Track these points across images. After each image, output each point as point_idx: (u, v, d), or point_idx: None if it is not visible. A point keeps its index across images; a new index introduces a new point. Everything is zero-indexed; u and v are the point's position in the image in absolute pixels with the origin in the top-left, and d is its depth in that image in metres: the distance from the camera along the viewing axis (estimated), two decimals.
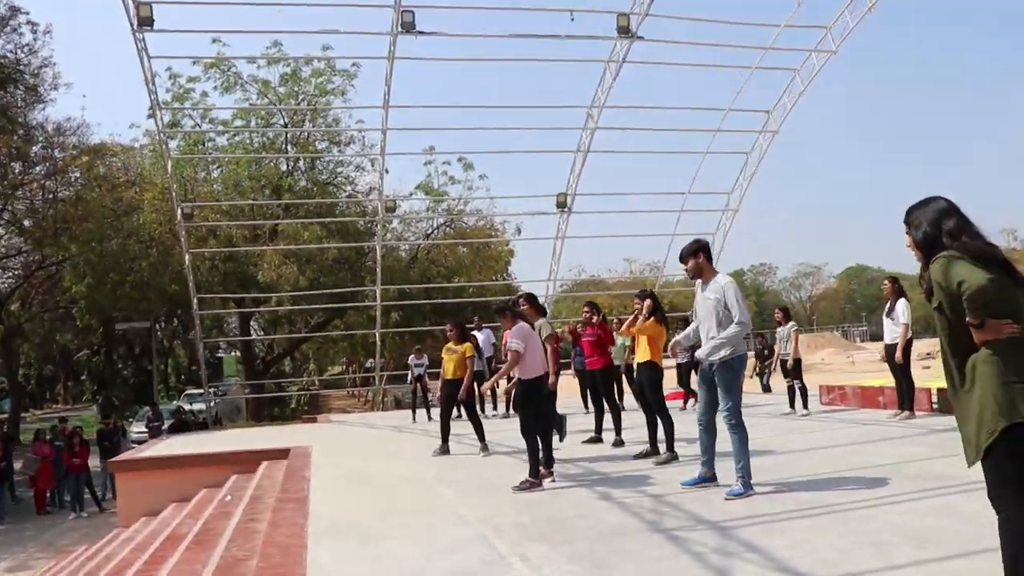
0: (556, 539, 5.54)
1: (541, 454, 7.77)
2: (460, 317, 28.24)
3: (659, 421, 8.87)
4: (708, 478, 7.13)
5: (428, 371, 17.06)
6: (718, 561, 4.82)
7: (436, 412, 17.19)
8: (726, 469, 6.94)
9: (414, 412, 17.00)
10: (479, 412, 11.52)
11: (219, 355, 61.20)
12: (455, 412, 11.12)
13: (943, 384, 12.88)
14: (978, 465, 3.35)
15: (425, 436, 13.82)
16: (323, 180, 29.49)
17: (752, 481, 6.66)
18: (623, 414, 10.71)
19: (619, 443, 10.11)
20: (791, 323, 13.06)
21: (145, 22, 14.88)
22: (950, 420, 10.38)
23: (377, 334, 22.63)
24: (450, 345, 10.95)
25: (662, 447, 8.83)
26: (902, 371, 11.19)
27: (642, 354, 8.95)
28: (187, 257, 19.90)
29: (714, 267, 7.06)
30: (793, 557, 4.76)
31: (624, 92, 20.75)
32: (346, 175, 30.28)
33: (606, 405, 10.51)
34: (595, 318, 10.67)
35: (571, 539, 5.53)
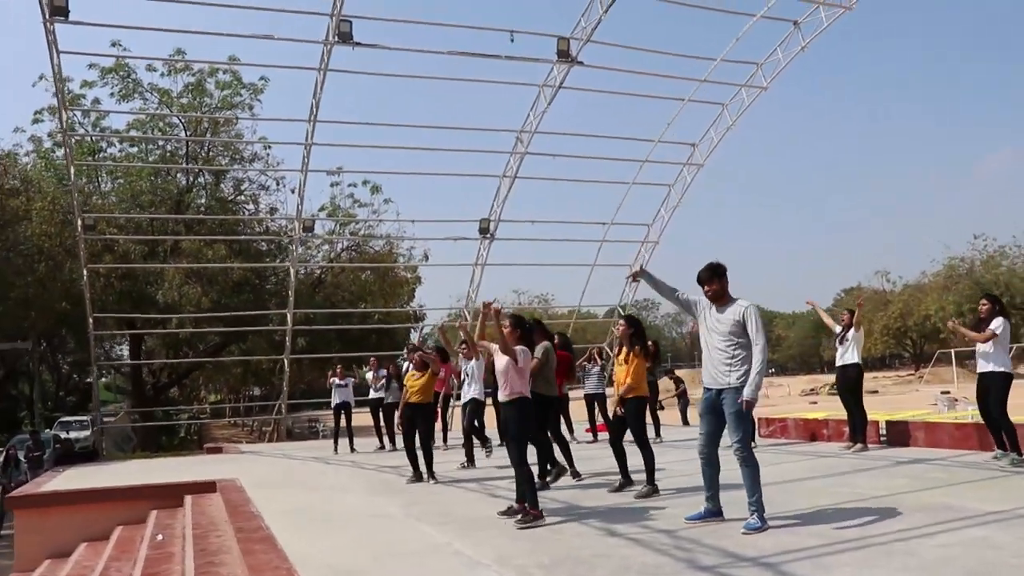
0: None
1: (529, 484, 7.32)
2: (367, 344, 27.64)
3: (640, 453, 8.60)
4: (714, 512, 6.82)
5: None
6: None
7: (360, 442, 16.52)
8: (725, 501, 6.74)
9: (336, 442, 16.13)
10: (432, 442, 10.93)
11: (88, 381, 57.63)
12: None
13: (891, 416, 13.22)
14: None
15: (356, 468, 13.13)
16: (226, 198, 28.15)
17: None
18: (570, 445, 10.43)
19: (576, 475, 9.80)
20: None
21: (58, 11, 13.63)
22: (904, 452, 10.63)
23: (286, 360, 21.53)
24: (413, 371, 10.38)
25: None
26: (855, 403, 11.26)
27: (628, 389, 8.61)
28: (85, 272, 18.43)
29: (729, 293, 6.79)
30: None
31: (553, 119, 20.60)
32: (251, 193, 29.04)
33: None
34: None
35: None
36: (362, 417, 17.60)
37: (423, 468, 10.32)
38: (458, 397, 13.19)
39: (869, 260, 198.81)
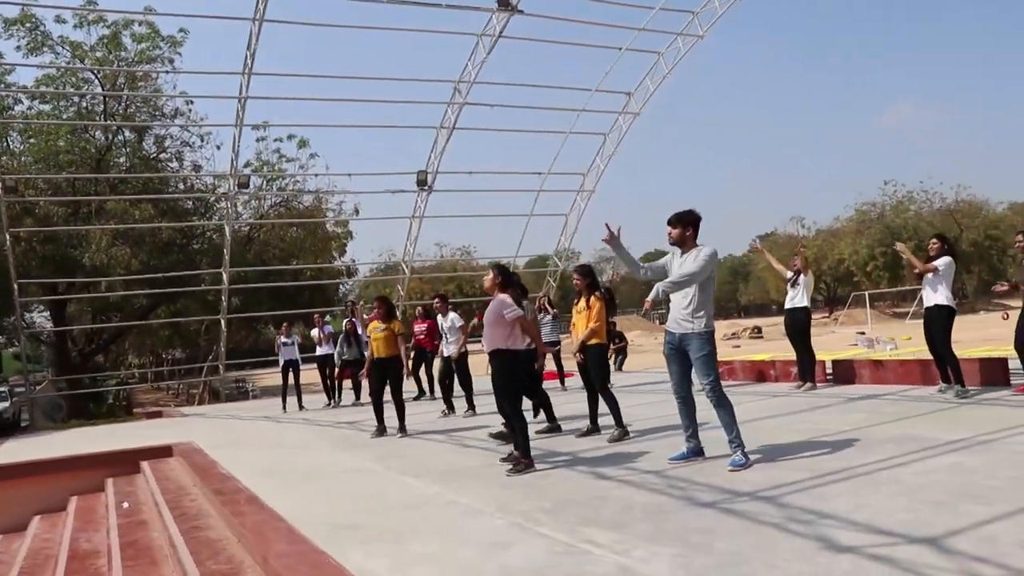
0: (607, 523, 5.17)
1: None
2: (300, 301, 27.25)
3: (600, 399, 8.81)
4: (696, 451, 7.02)
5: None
6: (806, 530, 4.62)
7: (310, 399, 16.38)
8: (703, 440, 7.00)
9: (284, 400, 15.96)
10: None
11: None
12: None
13: (838, 355, 13.69)
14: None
15: (311, 425, 13.04)
16: (149, 156, 27.10)
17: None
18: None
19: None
20: None
21: None
22: (852, 389, 11.06)
23: (223, 320, 21.08)
24: (377, 323, 10.26)
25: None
26: (804, 344, 11.63)
27: (591, 334, 8.73)
28: (7, 237, 17.63)
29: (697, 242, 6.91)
30: (874, 519, 4.67)
31: (492, 69, 20.43)
32: (175, 151, 27.98)
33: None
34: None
35: (622, 522, 5.16)
36: (310, 375, 17.44)
37: (391, 422, 10.30)
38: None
39: (786, 206, 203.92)
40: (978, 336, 26.52)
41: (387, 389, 10.48)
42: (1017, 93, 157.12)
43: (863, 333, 36.99)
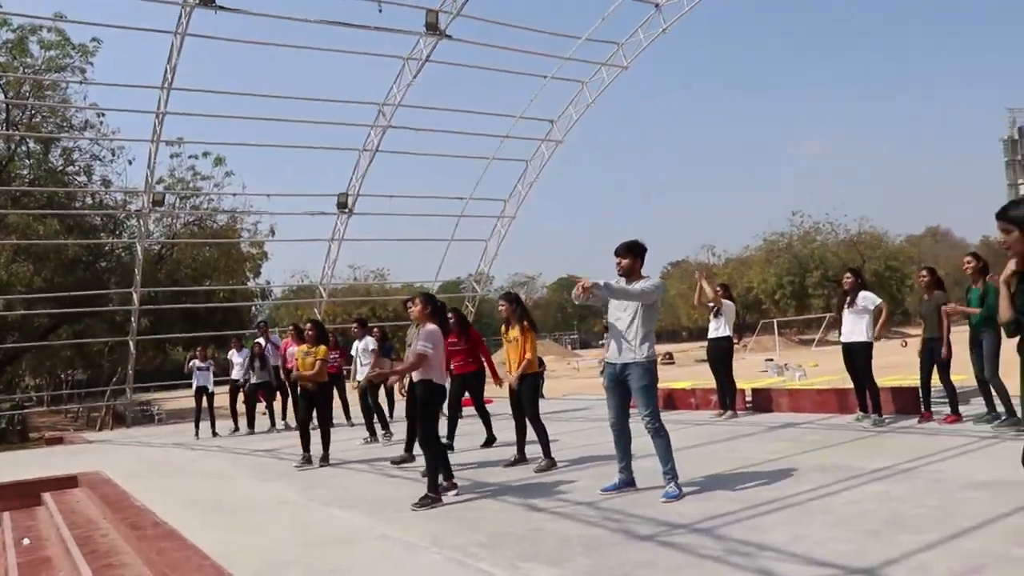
0: (547, 557, 5.08)
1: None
2: (212, 323, 26.46)
3: (529, 428, 8.73)
4: (628, 482, 7.02)
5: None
6: (747, 563, 4.63)
7: (223, 425, 15.84)
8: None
9: (197, 426, 15.43)
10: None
11: None
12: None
13: (756, 383, 13.92)
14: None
15: (227, 453, 12.62)
16: (55, 168, 25.96)
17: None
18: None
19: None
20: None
21: None
22: (772, 417, 11.26)
23: (132, 342, 20.29)
24: (305, 347, 9.98)
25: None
26: (726, 373, 11.81)
27: (528, 364, 8.68)
28: None
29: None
30: (813, 551, 4.71)
31: (417, 93, 20.34)
32: (84, 164, 26.86)
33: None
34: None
35: (562, 556, 5.09)
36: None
37: (314, 451, 10.01)
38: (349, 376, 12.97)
39: (698, 234, 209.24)
40: (877, 364, 27.43)
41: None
42: (909, 130, 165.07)
43: (772, 360, 37.91)
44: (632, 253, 6.80)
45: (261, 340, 15.98)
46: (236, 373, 15.68)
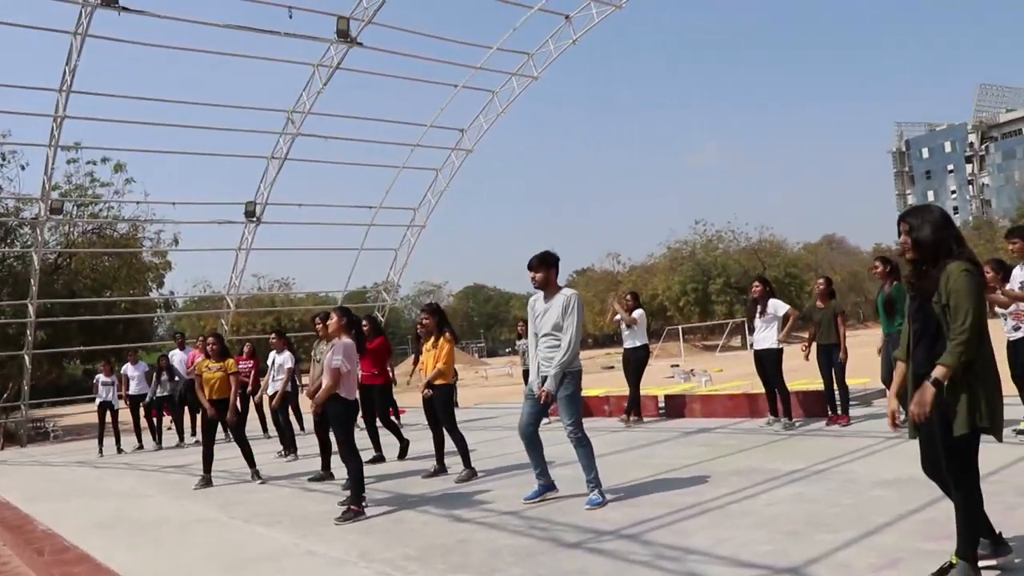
0: (478, 568, 5.09)
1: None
2: (113, 335, 25.47)
3: (448, 439, 8.73)
4: (548, 487, 7.09)
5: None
6: (677, 567, 4.74)
7: (127, 442, 15.28)
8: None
9: (101, 443, 14.87)
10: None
11: None
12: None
13: (669, 390, 14.20)
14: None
15: (135, 471, 12.21)
16: None
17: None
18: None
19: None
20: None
21: None
22: (686, 423, 11.51)
23: (27, 356, 19.38)
24: (209, 363, 9.70)
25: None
26: (634, 380, 12.02)
27: (438, 374, 8.67)
28: None
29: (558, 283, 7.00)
30: (738, 552, 4.86)
31: (328, 100, 20.09)
32: None
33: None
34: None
35: (494, 567, 5.10)
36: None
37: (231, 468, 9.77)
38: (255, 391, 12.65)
39: (603, 242, 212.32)
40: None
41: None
42: (805, 143, 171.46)
43: (677, 365, 38.72)
44: (546, 265, 6.87)
45: (172, 353, 15.53)
46: (133, 388, 15.18)
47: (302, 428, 13.52)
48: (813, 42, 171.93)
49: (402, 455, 10.42)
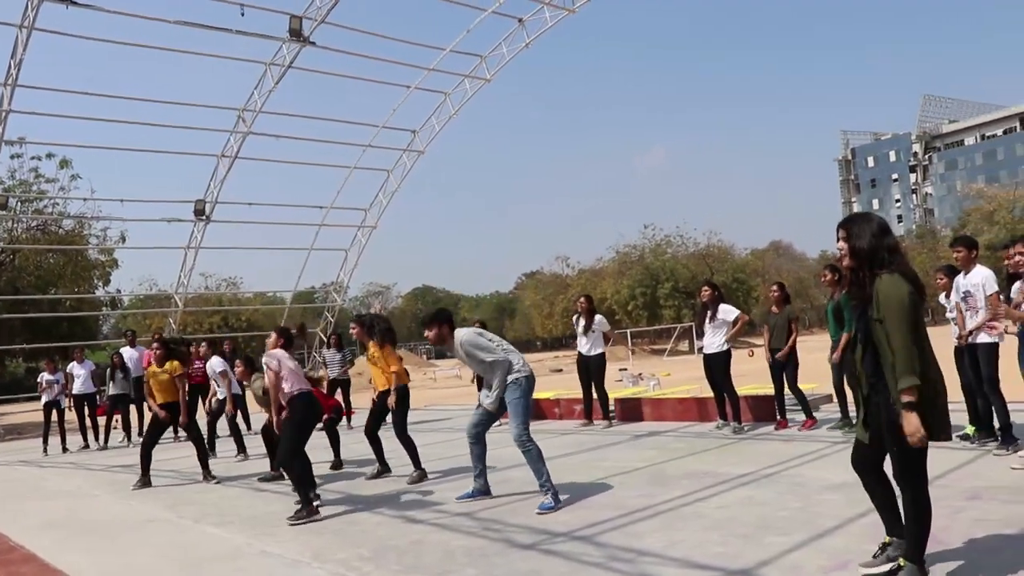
0: (432, 569, 5.11)
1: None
2: (57, 333, 24.95)
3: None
4: (483, 491, 7.21)
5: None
6: (630, 569, 4.81)
7: (72, 441, 14.99)
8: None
9: (46, 442, 14.56)
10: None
11: None
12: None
13: (620, 394, 14.30)
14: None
15: (81, 470, 12.00)
16: None
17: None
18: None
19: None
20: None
21: None
22: (637, 426, 11.63)
23: None
24: (153, 369, 9.57)
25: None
26: (598, 384, 12.11)
27: (384, 380, 8.67)
28: None
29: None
30: (691, 554, 4.94)
31: (280, 99, 19.90)
32: None
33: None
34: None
35: (447, 568, 5.12)
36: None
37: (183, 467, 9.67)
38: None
39: (552, 245, 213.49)
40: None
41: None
42: (752, 149, 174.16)
43: (626, 369, 38.99)
44: (437, 322, 7.08)
45: (123, 351, 15.27)
46: (78, 387, 14.90)
47: (248, 428, 13.41)
48: (762, 47, 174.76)
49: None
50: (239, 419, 12.41)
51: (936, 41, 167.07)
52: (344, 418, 15.17)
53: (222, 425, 12.55)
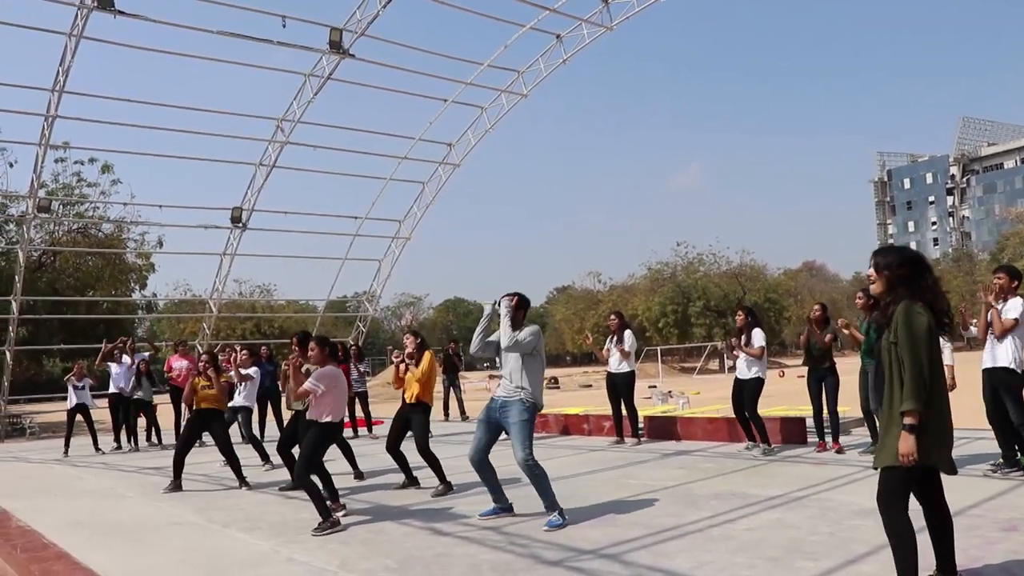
0: None
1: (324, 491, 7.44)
2: (94, 335, 25.28)
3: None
4: (505, 508, 7.17)
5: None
6: None
7: (104, 441, 15.18)
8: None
9: (67, 443, 14.76)
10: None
11: None
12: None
13: (650, 412, 14.25)
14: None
15: (113, 471, 12.16)
16: None
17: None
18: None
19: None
20: None
21: None
22: (666, 445, 11.56)
23: (8, 352, 19.23)
24: (201, 381, 9.71)
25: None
26: (627, 401, 12.05)
27: (417, 393, 8.75)
28: None
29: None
30: None
31: (317, 110, 20.12)
32: None
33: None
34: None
35: None
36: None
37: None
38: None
39: (584, 261, 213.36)
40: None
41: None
42: (787, 169, 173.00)
43: (655, 387, 38.77)
44: (523, 308, 7.08)
45: (172, 360, 15.42)
46: (116, 386, 14.99)
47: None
48: (800, 70, 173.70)
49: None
50: (255, 427, 12.46)
51: (976, 64, 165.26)
52: (365, 428, 15.39)
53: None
